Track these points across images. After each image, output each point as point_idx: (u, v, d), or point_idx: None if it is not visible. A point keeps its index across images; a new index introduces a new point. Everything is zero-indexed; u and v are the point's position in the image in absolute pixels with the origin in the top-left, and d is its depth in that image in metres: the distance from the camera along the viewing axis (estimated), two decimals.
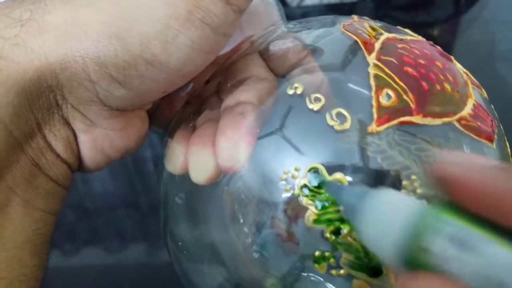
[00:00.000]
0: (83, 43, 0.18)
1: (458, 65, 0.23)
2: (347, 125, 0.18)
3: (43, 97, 0.19)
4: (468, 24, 0.52)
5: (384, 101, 0.19)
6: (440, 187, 0.12)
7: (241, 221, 0.20)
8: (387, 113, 0.18)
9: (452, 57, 0.23)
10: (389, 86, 0.19)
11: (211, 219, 0.21)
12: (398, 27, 0.24)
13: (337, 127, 0.18)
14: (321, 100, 0.19)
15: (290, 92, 0.19)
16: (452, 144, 0.19)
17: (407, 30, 0.24)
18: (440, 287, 0.11)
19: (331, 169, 0.18)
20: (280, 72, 0.21)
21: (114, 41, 0.18)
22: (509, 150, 0.23)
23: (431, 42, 0.23)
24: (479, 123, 0.20)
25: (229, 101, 0.21)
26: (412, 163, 0.18)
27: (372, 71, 0.19)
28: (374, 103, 0.18)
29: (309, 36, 0.22)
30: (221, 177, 0.20)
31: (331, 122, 0.18)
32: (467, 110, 0.20)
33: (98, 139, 0.21)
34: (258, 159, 0.19)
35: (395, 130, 0.18)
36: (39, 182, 0.20)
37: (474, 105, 0.20)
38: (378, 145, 0.18)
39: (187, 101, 0.24)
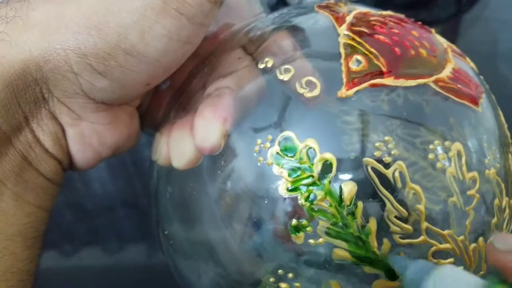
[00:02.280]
0: (64, 35, 0.19)
1: (441, 39, 0.22)
2: (316, 91, 0.18)
3: (29, 91, 0.19)
4: (469, 24, 0.52)
5: (354, 66, 0.18)
6: (494, 269, 0.13)
7: (235, 216, 0.19)
8: (357, 77, 0.18)
9: (433, 30, 0.22)
10: (359, 52, 0.19)
11: (202, 215, 0.20)
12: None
13: (307, 94, 0.18)
14: (291, 70, 0.19)
15: (261, 66, 0.20)
16: (431, 106, 0.18)
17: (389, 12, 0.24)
18: None
19: (302, 136, 0.18)
20: (257, 56, 0.22)
21: (93, 32, 0.19)
22: (502, 118, 0.22)
23: (412, 20, 0.23)
24: (459, 86, 0.19)
25: (210, 89, 0.22)
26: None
27: (342, 40, 0.19)
28: (343, 68, 0.18)
29: (286, 19, 0.22)
30: (210, 172, 0.20)
31: (301, 90, 0.18)
32: (445, 73, 0.19)
33: (86, 134, 0.21)
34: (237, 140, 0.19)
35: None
36: (28, 176, 0.20)
37: (453, 69, 0.20)
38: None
39: (173, 97, 0.24)
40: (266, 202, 0.18)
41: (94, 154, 0.22)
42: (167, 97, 0.25)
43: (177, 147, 0.21)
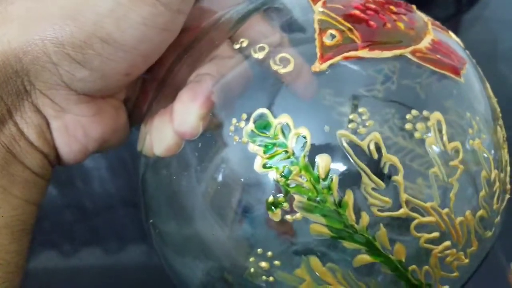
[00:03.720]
0: (41, 26, 0.19)
1: (422, 14, 0.22)
2: (290, 67, 0.18)
3: (11, 83, 0.20)
4: (469, 24, 0.52)
5: (328, 40, 0.18)
6: None
7: (217, 200, 0.19)
8: (331, 51, 0.18)
9: (414, 6, 0.22)
10: (334, 27, 0.19)
11: (186, 203, 0.20)
12: None
13: (281, 70, 0.18)
14: (265, 48, 0.19)
15: (237, 46, 0.20)
16: (408, 76, 0.18)
17: None
18: None
19: (277, 112, 0.18)
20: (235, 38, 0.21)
21: (70, 22, 0.19)
22: (490, 92, 0.21)
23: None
24: (439, 56, 0.19)
25: (191, 77, 0.22)
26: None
27: (316, 17, 0.19)
28: (317, 43, 0.18)
29: (264, 1, 0.22)
30: (192, 157, 0.20)
31: (274, 67, 0.18)
32: (423, 44, 0.19)
33: (70, 126, 0.22)
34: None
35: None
36: (14, 169, 0.20)
37: (433, 40, 0.19)
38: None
39: (156, 87, 0.24)
40: (242, 180, 0.18)
41: (80, 147, 0.22)
42: (152, 89, 0.25)
43: (158, 134, 0.21)
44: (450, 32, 0.22)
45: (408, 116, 0.17)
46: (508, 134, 0.22)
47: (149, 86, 0.25)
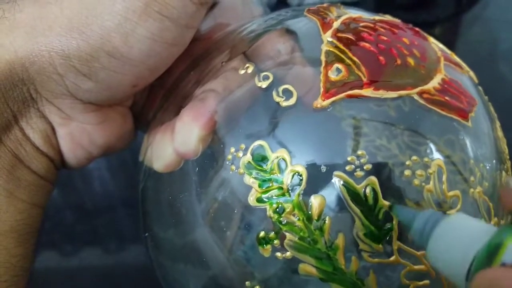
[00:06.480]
0: (48, 37, 0.19)
1: (436, 47, 0.21)
2: (292, 100, 0.18)
3: (17, 90, 0.20)
4: (469, 24, 0.51)
5: (333, 75, 0.18)
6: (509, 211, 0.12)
7: (224, 224, 0.19)
8: (335, 87, 0.17)
9: (430, 37, 0.21)
10: (340, 61, 0.18)
11: (183, 217, 0.20)
12: (380, 14, 0.23)
13: (283, 103, 0.18)
14: (270, 77, 0.18)
15: (242, 72, 0.19)
16: (412, 119, 0.17)
17: (387, 16, 0.23)
18: None
19: (275, 146, 0.17)
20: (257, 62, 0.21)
21: (76, 35, 0.19)
22: (499, 132, 0.20)
23: (410, 25, 0.22)
24: (447, 98, 0.18)
25: (197, 91, 0.21)
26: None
27: (324, 47, 0.19)
28: (322, 78, 0.18)
29: (278, 21, 0.22)
30: (190, 176, 0.20)
31: (277, 99, 0.18)
32: (432, 84, 0.18)
33: (75, 133, 0.22)
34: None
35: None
36: (20, 173, 0.21)
37: (443, 79, 0.19)
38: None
39: (162, 97, 0.24)
40: (235, 211, 0.18)
41: (85, 153, 0.22)
42: (160, 96, 0.25)
43: (158, 149, 0.21)
44: (464, 64, 0.21)
45: (408, 163, 0.17)
46: (508, 135, 0.21)
47: (156, 92, 0.25)
